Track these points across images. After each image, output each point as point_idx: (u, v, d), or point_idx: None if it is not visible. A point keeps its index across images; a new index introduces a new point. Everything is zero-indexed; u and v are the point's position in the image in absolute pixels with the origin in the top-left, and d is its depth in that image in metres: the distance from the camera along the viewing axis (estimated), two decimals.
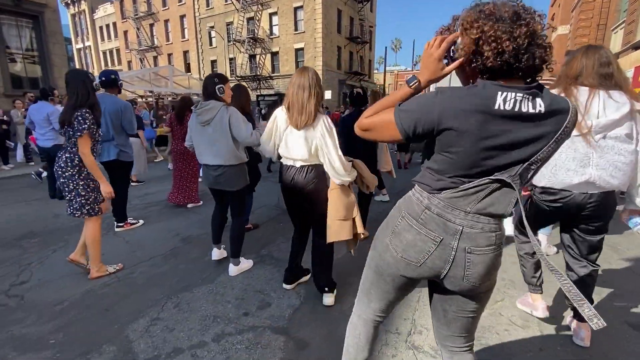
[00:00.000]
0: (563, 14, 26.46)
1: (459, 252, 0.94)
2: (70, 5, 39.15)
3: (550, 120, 0.86)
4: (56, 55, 11.22)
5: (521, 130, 0.85)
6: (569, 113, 0.87)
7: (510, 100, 0.83)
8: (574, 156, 1.63)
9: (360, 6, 28.16)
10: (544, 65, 0.87)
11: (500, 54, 0.83)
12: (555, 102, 0.86)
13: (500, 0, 0.87)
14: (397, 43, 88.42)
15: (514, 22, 0.83)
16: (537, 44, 0.84)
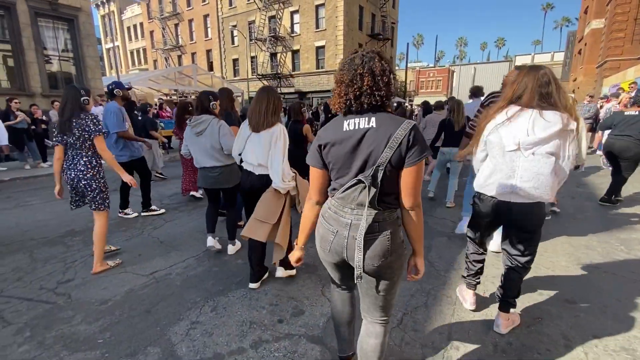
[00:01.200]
0: (597, 7, 25.06)
1: (350, 240, 1.25)
2: (100, 7, 40.73)
3: (380, 133, 1.15)
4: (90, 57, 11.72)
5: (358, 141, 1.19)
6: (397, 129, 1.13)
7: (351, 123, 1.20)
8: (501, 168, 1.84)
9: (382, 2, 27.79)
10: (389, 98, 1.20)
11: (345, 103, 1.22)
12: (385, 121, 1.16)
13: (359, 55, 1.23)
14: (419, 39, 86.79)
15: (352, 82, 1.18)
16: (376, 87, 1.17)
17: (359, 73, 1.17)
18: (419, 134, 1.15)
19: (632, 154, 4.26)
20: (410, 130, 1.13)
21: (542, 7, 73.30)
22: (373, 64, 1.16)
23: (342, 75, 1.22)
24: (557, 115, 1.67)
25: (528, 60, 50.31)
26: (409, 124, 1.15)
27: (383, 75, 1.17)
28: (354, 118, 1.20)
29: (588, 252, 3.16)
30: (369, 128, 1.17)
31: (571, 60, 33.07)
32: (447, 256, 3.11)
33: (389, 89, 1.19)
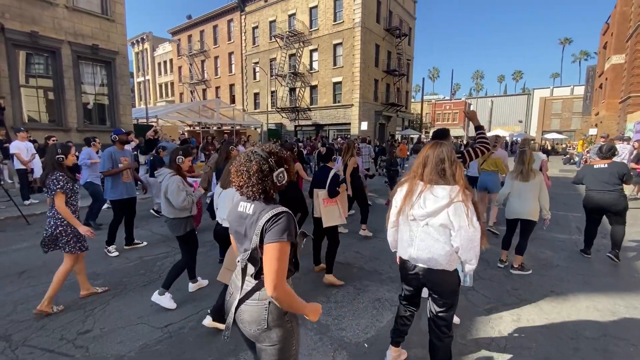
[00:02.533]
0: (617, 44, 25.08)
1: (238, 303, 1.39)
2: (135, 45, 44.10)
3: (253, 220, 1.36)
4: (122, 95, 12.59)
5: (244, 224, 1.41)
6: (264, 217, 1.32)
7: (241, 206, 1.45)
8: (404, 235, 2.04)
9: (398, 41, 28.80)
10: (266, 191, 1.39)
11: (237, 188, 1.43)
12: (257, 210, 1.37)
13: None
14: (435, 72, 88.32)
15: (236, 174, 1.39)
16: (250, 183, 1.36)
17: (239, 169, 1.39)
18: (284, 219, 1.31)
19: (621, 207, 4.21)
20: (273, 215, 1.31)
21: (559, 41, 73.86)
22: (249, 166, 1.36)
23: (234, 166, 1.43)
24: (445, 189, 1.85)
25: (547, 93, 50.02)
26: (275, 210, 1.33)
27: (257, 173, 1.36)
28: (244, 202, 1.45)
29: (614, 319, 2.99)
30: (248, 214, 1.39)
31: (592, 94, 32.68)
32: (465, 319, 3.01)
33: (264, 185, 1.37)
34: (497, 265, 4.19)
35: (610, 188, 4.21)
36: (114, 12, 12.05)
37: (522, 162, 3.92)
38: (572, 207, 7.24)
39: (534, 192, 3.81)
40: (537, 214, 3.83)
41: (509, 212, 4.02)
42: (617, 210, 4.23)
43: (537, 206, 3.82)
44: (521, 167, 3.90)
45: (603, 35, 29.93)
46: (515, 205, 3.94)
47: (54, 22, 10.56)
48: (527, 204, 3.83)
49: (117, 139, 4.73)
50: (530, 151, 3.98)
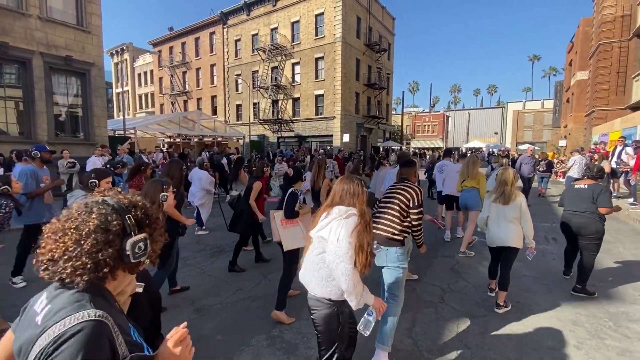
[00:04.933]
0: (581, 61, 26.69)
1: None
2: (114, 56, 43.36)
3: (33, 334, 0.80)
4: (97, 107, 12.28)
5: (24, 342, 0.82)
6: (42, 337, 0.77)
7: (39, 304, 0.87)
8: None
9: (378, 55, 29.60)
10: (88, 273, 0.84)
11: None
12: (56, 311, 0.81)
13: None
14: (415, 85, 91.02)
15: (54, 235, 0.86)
16: (72, 251, 0.83)
17: (62, 228, 0.86)
18: (72, 346, 0.74)
19: (591, 231, 3.79)
20: (54, 340, 0.75)
21: (529, 57, 77.93)
22: (85, 221, 0.85)
23: (63, 219, 0.88)
24: (341, 208, 1.89)
25: (520, 106, 52.38)
26: (65, 325, 0.76)
27: (95, 234, 0.84)
28: (44, 294, 0.88)
29: (575, 329, 3.10)
30: (35, 322, 0.82)
31: (560, 107, 34.47)
32: (433, 332, 3.05)
33: (97, 258, 0.83)
34: (466, 283, 4.22)
35: (582, 210, 3.84)
36: (90, 23, 11.85)
37: (505, 182, 3.45)
38: (541, 217, 7.52)
39: (515, 214, 3.39)
40: (520, 240, 3.39)
41: (489, 239, 3.59)
42: (587, 233, 3.82)
43: (520, 231, 3.39)
44: (502, 188, 3.46)
45: (568, 53, 31.83)
46: (494, 231, 3.49)
47: (25, 32, 10.27)
48: (507, 230, 3.40)
49: (38, 155, 4.22)
50: (512, 171, 3.54)
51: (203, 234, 6.48)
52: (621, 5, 20.35)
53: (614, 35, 20.86)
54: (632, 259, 5.00)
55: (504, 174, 3.51)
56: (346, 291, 1.72)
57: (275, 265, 4.64)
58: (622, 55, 20.60)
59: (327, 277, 1.81)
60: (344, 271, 1.69)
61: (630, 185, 8.93)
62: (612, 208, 3.77)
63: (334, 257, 1.72)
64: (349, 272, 1.69)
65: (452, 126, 50.77)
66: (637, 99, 17.35)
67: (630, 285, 4.09)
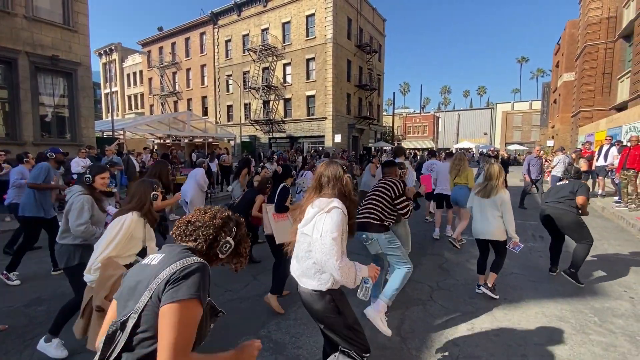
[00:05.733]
0: (567, 62, 27.25)
1: None
2: (102, 56, 42.70)
3: (153, 270, 1.09)
4: (84, 107, 12.06)
5: (142, 277, 1.11)
6: (168, 269, 1.06)
7: (151, 258, 1.18)
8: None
9: (369, 57, 29.76)
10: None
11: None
12: (165, 257, 1.13)
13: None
14: (406, 87, 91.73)
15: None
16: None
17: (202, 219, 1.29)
18: (195, 272, 1.05)
19: (566, 222, 4.01)
20: (183, 267, 1.04)
21: (517, 59, 79.23)
22: (216, 213, 1.33)
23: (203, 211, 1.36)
24: (323, 202, 1.83)
25: (509, 107, 53.18)
26: (186, 261, 1.07)
27: (217, 228, 1.27)
28: (153, 254, 1.22)
29: (561, 325, 3.15)
30: (151, 265, 1.12)
31: (548, 108, 35.13)
32: (421, 330, 3.06)
33: (215, 238, 1.26)
34: (455, 281, 4.26)
35: (558, 201, 4.08)
36: (77, 22, 11.65)
37: (490, 176, 3.59)
38: (529, 216, 7.64)
39: (496, 209, 3.51)
40: (502, 234, 3.54)
41: (474, 231, 3.75)
42: (565, 225, 4.03)
43: (501, 225, 3.52)
44: (487, 182, 3.61)
45: (555, 55, 32.47)
46: (477, 223, 3.68)
47: (11, 32, 10.04)
48: (488, 223, 3.55)
49: (53, 156, 4.64)
50: (498, 166, 3.65)
51: None
52: (607, 7, 20.85)
53: (599, 37, 21.36)
54: (616, 256, 5.10)
55: (489, 168, 3.67)
56: (339, 281, 1.75)
57: (264, 266, 4.62)
58: (608, 56, 21.10)
59: (315, 272, 1.80)
60: (333, 268, 1.69)
61: (615, 184, 9.14)
62: (587, 200, 3.99)
63: (321, 255, 1.71)
64: (338, 267, 1.69)
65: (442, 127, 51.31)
66: (622, 99, 17.79)
67: (615, 281, 4.17)
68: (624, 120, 13.30)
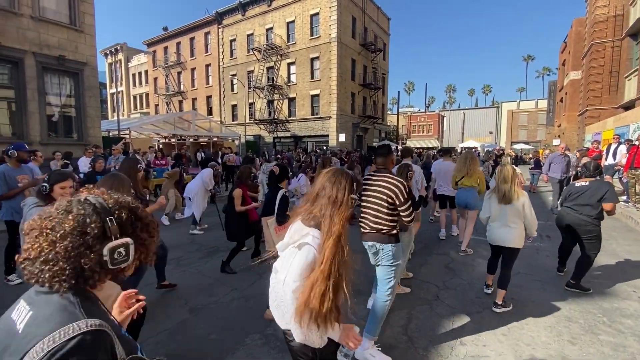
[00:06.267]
0: (574, 61, 26.96)
1: None
2: (108, 56, 43.03)
3: (20, 342, 0.72)
4: (91, 107, 12.17)
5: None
6: (33, 349, 0.68)
7: (19, 310, 0.79)
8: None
9: (373, 56, 29.67)
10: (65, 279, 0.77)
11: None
12: (42, 320, 0.73)
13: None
14: (410, 85, 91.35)
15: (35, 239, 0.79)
16: (49, 254, 0.77)
17: (40, 227, 0.79)
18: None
19: (583, 232, 3.80)
20: (53, 349, 0.67)
21: (523, 58, 78.55)
22: (61, 221, 0.79)
23: (31, 223, 0.82)
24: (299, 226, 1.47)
25: (514, 106, 52.75)
26: (65, 332, 0.69)
27: (70, 237, 0.77)
28: (22, 301, 0.80)
29: (569, 325, 3.12)
30: (16, 332, 0.73)
31: (554, 107, 34.78)
32: (428, 330, 3.05)
33: (76, 263, 0.77)
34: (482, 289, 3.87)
35: (581, 209, 3.80)
36: (83, 22, 11.75)
37: (504, 180, 3.35)
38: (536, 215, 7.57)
39: (518, 215, 3.31)
40: (521, 241, 3.35)
41: (490, 237, 3.54)
42: (582, 233, 3.80)
43: (522, 230, 3.34)
44: (504, 188, 3.33)
45: (561, 53, 32.14)
46: (496, 231, 3.42)
47: (18, 32, 10.15)
48: (511, 230, 3.32)
49: (15, 154, 4.12)
50: (511, 168, 3.42)
51: (197, 233, 6.44)
52: (614, 5, 20.59)
53: (606, 35, 21.11)
54: (625, 256, 5.04)
55: (502, 171, 3.42)
56: (300, 341, 1.35)
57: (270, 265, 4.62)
58: (615, 54, 20.85)
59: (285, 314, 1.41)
60: (294, 329, 1.31)
61: (623, 183, 9.02)
62: (614, 206, 3.71)
63: (284, 306, 1.37)
64: (299, 331, 1.31)
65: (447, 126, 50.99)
66: (629, 97, 17.57)
67: (624, 281, 4.12)
68: (632, 118, 13.14)
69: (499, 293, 3.41)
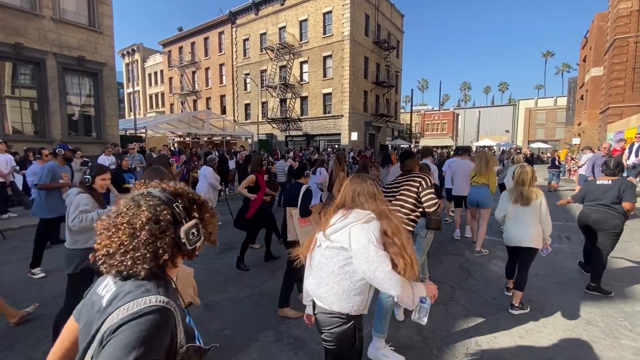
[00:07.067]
0: (595, 57, 26.09)
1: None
2: (125, 56, 44.04)
3: (103, 314, 0.85)
4: (109, 107, 12.49)
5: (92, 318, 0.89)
6: (115, 313, 0.81)
7: (103, 287, 0.93)
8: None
9: (387, 53, 29.40)
10: (147, 261, 0.88)
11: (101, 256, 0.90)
12: (124, 294, 0.85)
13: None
14: (424, 83, 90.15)
15: (107, 230, 0.90)
16: (131, 246, 0.87)
17: (114, 225, 0.89)
18: (145, 323, 0.78)
19: (609, 226, 3.70)
20: (133, 313, 0.79)
21: (542, 54, 76.37)
22: (136, 214, 0.88)
23: (101, 224, 0.92)
24: (360, 212, 1.66)
25: (532, 104, 51.40)
26: (141, 303, 0.81)
27: (149, 226, 0.87)
28: (110, 279, 0.93)
29: (589, 328, 3.03)
30: (100, 305, 0.87)
31: (574, 105, 33.71)
32: (443, 330, 3.01)
33: (155, 247, 0.87)
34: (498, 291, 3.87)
35: (604, 204, 3.73)
36: (102, 24, 12.05)
37: (522, 182, 3.33)
38: (554, 215, 7.31)
39: (535, 215, 3.29)
40: (539, 240, 3.31)
41: (507, 238, 3.48)
42: (604, 228, 3.72)
43: (540, 230, 3.30)
44: (521, 189, 3.33)
45: (582, 48, 31.09)
46: (513, 231, 3.39)
47: (39, 33, 10.50)
48: (528, 230, 3.29)
49: (62, 152, 4.64)
50: (530, 169, 3.38)
51: None
52: (637, 0, 19.78)
53: (629, 30, 20.31)
54: None
55: (521, 173, 3.37)
56: (397, 297, 1.50)
57: (284, 262, 4.65)
58: (638, 50, 20.04)
59: (350, 290, 1.58)
60: (385, 277, 1.47)
61: None
62: (634, 205, 3.64)
63: (367, 265, 1.49)
64: (390, 276, 1.48)
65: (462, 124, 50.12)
66: None
67: None
68: None
69: (515, 295, 3.36)
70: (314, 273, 1.70)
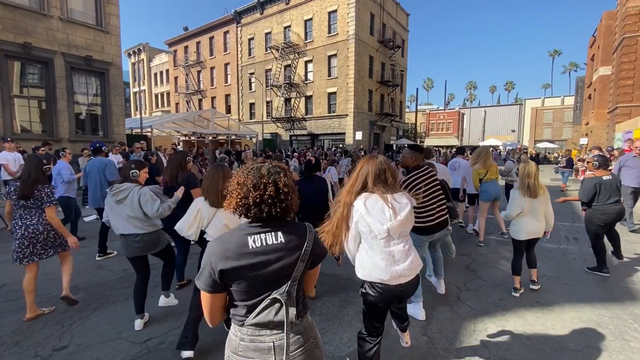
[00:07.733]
0: (603, 56, 25.75)
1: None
2: (131, 56, 44.38)
3: (290, 247, 1.20)
4: (116, 106, 12.60)
5: (272, 258, 1.17)
6: (305, 241, 1.23)
7: (257, 240, 1.18)
8: (383, 256, 1.86)
9: (392, 52, 29.27)
10: (288, 211, 1.26)
11: (243, 206, 1.19)
12: (292, 235, 1.22)
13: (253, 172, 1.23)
14: (429, 82, 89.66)
15: (255, 188, 1.18)
16: (278, 199, 1.20)
17: (263, 182, 1.19)
18: (318, 237, 1.30)
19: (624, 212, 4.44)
20: (314, 239, 1.25)
21: (549, 53, 75.54)
22: (278, 177, 1.22)
23: (245, 178, 1.21)
24: (403, 197, 1.91)
25: (539, 103, 50.89)
26: (310, 232, 1.26)
27: (285, 188, 1.21)
28: (259, 234, 1.20)
29: (599, 330, 2.98)
30: (278, 244, 1.19)
31: (582, 104, 33.30)
32: (449, 331, 2.99)
33: (290, 202, 1.24)
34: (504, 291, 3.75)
35: (619, 198, 4.22)
36: (109, 24, 12.16)
37: (528, 175, 3.55)
38: (562, 216, 7.27)
39: (544, 206, 3.60)
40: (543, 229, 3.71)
41: (521, 232, 3.60)
42: (623, 216, 4.45)
43: (544, 221, 3.67)
44: (527, 181, 3.53)
45: (590, 47, 30.69)
46: (530, 225, 3.58)
47: (47, 33, 10.62)
48: (539, 221, 3.61)
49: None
50: (534, 164, 3.62)
51: None
52: None
53: (638, 29, 20.02)
54: None
55: (526, 167, 3.59)
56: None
57: None
58: None
59: (417, 258, 1.98)
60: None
61: None
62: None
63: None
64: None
65: (467, 124, 49.79)
66: None
67: None
68: None
69: (533, 272, 3.79)
70: (397, 258, 1.91)
